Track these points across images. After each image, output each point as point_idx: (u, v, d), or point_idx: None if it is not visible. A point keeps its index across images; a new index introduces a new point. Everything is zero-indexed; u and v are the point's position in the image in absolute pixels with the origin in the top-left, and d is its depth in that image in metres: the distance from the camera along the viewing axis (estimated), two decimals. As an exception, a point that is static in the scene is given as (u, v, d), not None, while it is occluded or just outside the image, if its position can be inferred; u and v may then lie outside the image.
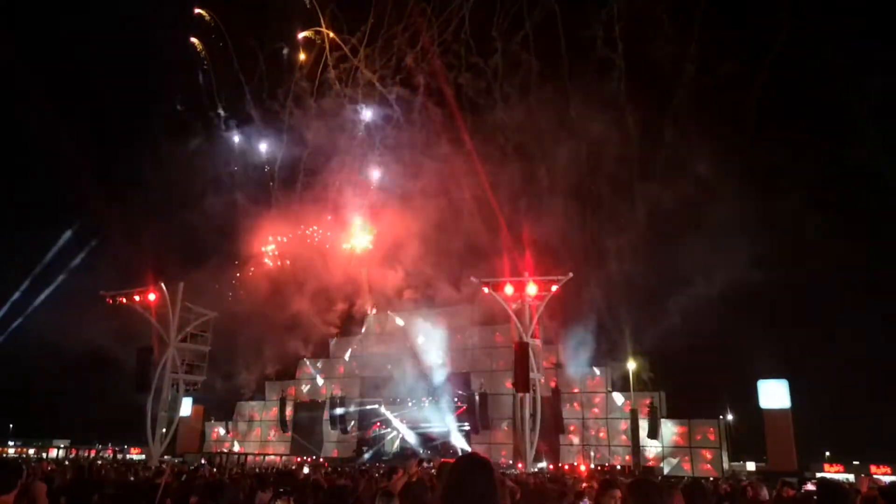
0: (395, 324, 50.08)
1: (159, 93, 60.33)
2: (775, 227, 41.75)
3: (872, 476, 22.60)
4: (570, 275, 34.69)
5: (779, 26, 39.97)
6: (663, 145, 43.59)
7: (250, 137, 61.36)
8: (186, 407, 46.79)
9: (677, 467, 38.22)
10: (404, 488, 7.79)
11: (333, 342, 53.16)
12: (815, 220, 38.42)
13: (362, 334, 52.19)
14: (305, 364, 52.74)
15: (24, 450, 55.29)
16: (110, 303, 39.15)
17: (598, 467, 34.86)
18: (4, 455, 48.64)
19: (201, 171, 55.56)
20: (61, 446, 55.59)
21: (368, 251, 54.74)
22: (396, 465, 9.77)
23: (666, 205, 40.57)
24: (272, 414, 51.05)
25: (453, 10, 50.94)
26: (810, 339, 42.17)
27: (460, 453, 34.39)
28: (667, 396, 40.89)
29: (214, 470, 23.34)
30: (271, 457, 47.21)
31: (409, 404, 45.86)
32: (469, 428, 43.59)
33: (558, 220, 43.68)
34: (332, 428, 48.28)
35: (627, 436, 40.07)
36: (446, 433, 43.89)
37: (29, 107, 55.93)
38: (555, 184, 46.27)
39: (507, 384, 40.17)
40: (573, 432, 41.62)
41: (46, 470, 17.20)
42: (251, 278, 56.48)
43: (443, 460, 16.33)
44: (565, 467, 34.65)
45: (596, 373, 42.35)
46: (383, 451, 45.79)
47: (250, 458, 46.21)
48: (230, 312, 47.00)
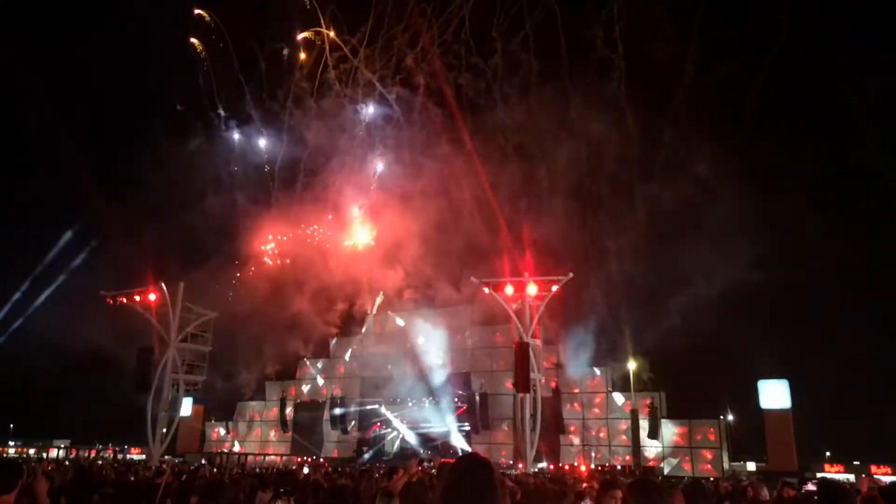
0: (396, 324, 50.11)
1: (159, 93, 60.37)
2: (775, 227, 41.79)
3: (873, 476, 22.55)
4: (571, 275, 34.66)
5: (779, 26, 40.01)
6: (663, 145, 43.64)
7: (250, 137, 61.48)
8: (187, 407, 46.83)
9: (678, 467, 38.23)
10: (404, 488, 7.79)
11: (334, 342, 53.19)
12: (815, 220, 38.45)
13: (362, 334, 52.23)
14: (306, 364, 52.78)
15: (25, 450, 55.28)
16: (111, 303, 39.14)
17: (599, 467, 34.87)
18: (5, 455, 48.65)
19: (201, 172, 55.61)
20: (62, 446, 55.55)
21: (370, 247, 54.78)
22: (397, 465, 9.78)
23: (666, 205, 40.63)
24: (272, 414, 51.07)
25: (453, 10, 51.00)
26: (810, 339, 42.22)
27: (460, 453, 34.40)
28: (667, 396, 40.92)
29: (215, 470, 23.31)
30: (271, 457, 47.24)
31: (410, 404, 45.85)
32: (469, 428, 43.59)
33: (558, 220, 43.75)
34: (332, 428, 48.31)
35: (628, 436, 40.12)
36: (446, 433, 43.89)
37: (29, 107, 55.90)
38: (555, 184, 46.34)
39: (508, 384, 40.18)
40: (573, 432, 41.63)
41: (47, 470, 17.16)
42: (251, 278, 56.52)
43: (443, 460, 16.37)
44: (566, 467, 34.66)
45: (596, 373, 42.37)
46: (383, 452, 45.77)
47: (250, 459, 46.28)
48: (230, 312, 46.99)
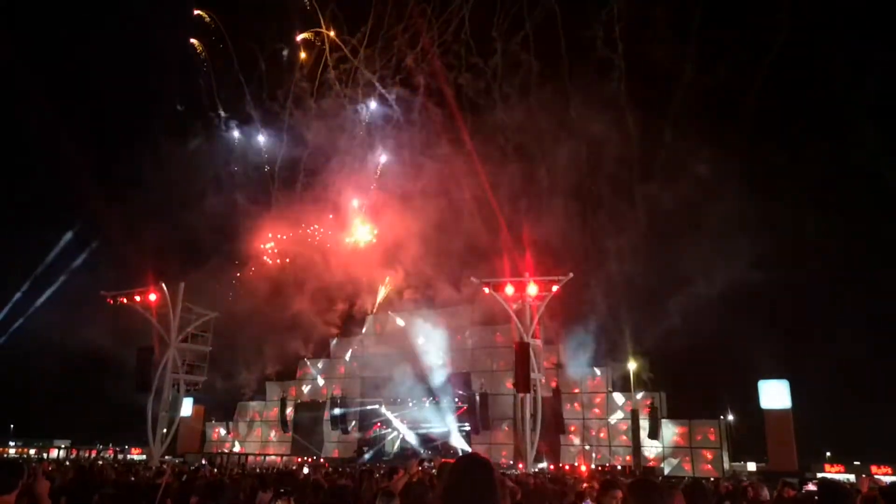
0: (396, 324, 50.09)
1: (159, 93, 60.52)
2: (775, 227, 41.77)
3: (873, 476, 22.53)
4: (571, 275, 34.65)
5: (779, 26, 40.03)
6: (663, 145, 43.67)
7: (250, 138, 61.51)
8: (187, 407, 46.81)
9: (678, 467, 38.22)
10: (405, 488, 7.81)
11: (334, 342, 53.15)
12: (815, 220, 38.49)
13: (363, 334, 52.21)
14: (306, 364, 52.75)
15: (25, 450, 55.27)
16: (111, 303, 39.13)
17: (599, 468, 34.88)
18: (5, 455, 48.64)
19: (201, 172, 55.71)
20: (62, 446, 55.56)
21: (371, 244, 54.74)
22: (397, 465, 9.79)
23: (666, 205, 40.66)
24: (273, 414, 51.05)
25: (453, 10, 51.07)
26: (810, 339, 42.24)
27: (461, 453, 34.40)
28: (667, 397, 40.90)
29: (215, 470, 23.32)
30: (272, 457, 47.24)
31: (410, 404, 45.82)
32: (469, 428, 43.57)
33: (558, 220, 43.77)
34: (332, 428, 48.28)
35: (628, 436, 40.11)
36: (447, 433, 43.88)
37: (29, 107, 56.01)
38: (555, 184, 46.35)
39: (508, 384, 40.17)
40: (574, 432, 41.62)
41: (47, 470, 17.18)
42: (251, 278, 56.57)
43: (443, 460, 16.36)
44: (566, 468, 34.68)
45: (596, 373, 42.34)
46: (384, 452, 45.79)
47: (251, 459, 46.28)
48: (231, 312, 47.02)
